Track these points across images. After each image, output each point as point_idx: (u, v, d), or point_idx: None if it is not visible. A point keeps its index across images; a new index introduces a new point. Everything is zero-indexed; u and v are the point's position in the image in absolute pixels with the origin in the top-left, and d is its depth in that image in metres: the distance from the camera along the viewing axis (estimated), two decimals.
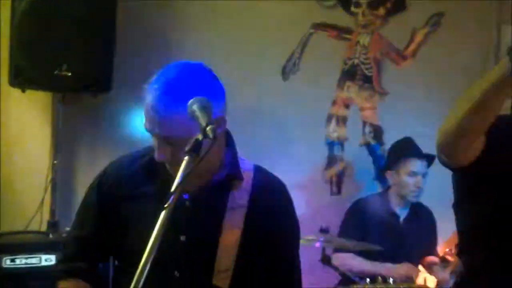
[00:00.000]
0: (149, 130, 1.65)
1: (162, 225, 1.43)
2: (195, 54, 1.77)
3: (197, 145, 1.48)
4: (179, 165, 1.48)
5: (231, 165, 1.78)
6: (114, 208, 1.78)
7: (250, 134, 3.63)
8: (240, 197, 1.75)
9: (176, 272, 1.72)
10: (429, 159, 3.59)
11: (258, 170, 1.84)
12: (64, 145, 3.31)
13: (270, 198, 1.80)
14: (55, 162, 3.26)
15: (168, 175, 1.65)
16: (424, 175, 3.60)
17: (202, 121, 1.49)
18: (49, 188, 3.27)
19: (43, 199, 3.26)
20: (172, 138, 1.60)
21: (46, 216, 3.25)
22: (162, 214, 1.44)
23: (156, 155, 1.67)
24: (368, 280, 3.06)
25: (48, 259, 2.90)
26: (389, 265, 3.37)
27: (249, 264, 1.73)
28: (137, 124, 3.47)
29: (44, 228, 3.23)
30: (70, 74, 3.02)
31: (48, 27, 2.99)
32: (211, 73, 1.69)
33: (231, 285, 1.70)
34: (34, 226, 3.23)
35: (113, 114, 3.50)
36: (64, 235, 3.05)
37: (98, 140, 3.52)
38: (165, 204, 1.43)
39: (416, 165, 3.59)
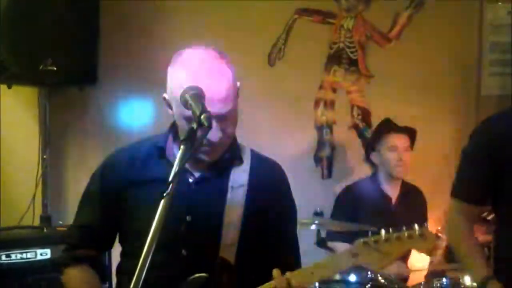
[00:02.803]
0: (203, 110, 1.54)
1: (163, 213, 1.46)
2: (181, 44, 1.78)
3: (192, 133, 1.51)
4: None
5: (233, 147, 1.84)
6: (118, 196, 1.82)
7: (238, 121, 3.63)
8: (240, 177, 1.82)
9: (183, 251, 1.77)
10: (410, 133, 3.62)
11: (254, 152, 1.92)
12: (52, 139, 3.30)
13: (268, 177, 1.88)
14: (45, 157, 3.26)
15: (173, 159, 1.65)
16: (406, 150, 3.62)
17: (196, 109, 1.53)
18: (40, 183, 3.26)
19: (34, 194, 3.25)
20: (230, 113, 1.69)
21: (38, 211, 3.25)
22: (162, 202, 1.47)
23: (213, 136, 1.68)
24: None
25: (43, 253, 2.90)
26: None
27: (252, 238, 1.79)
28: (124, 116, 3.51)
29: (36, 223, 3.23)
30: (55, 68, 3.01)
31: (32, 22, 2.96)
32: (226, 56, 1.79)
33: (237, 258, 1.77)
34: (26, 222, 3.22)
35: (100, 106, 3.50)
36: (58, 228, 3.06)
37: (87, 133, 3.51)
38: (164, 193, 1.46)
39: (394, 139, 3.61)
